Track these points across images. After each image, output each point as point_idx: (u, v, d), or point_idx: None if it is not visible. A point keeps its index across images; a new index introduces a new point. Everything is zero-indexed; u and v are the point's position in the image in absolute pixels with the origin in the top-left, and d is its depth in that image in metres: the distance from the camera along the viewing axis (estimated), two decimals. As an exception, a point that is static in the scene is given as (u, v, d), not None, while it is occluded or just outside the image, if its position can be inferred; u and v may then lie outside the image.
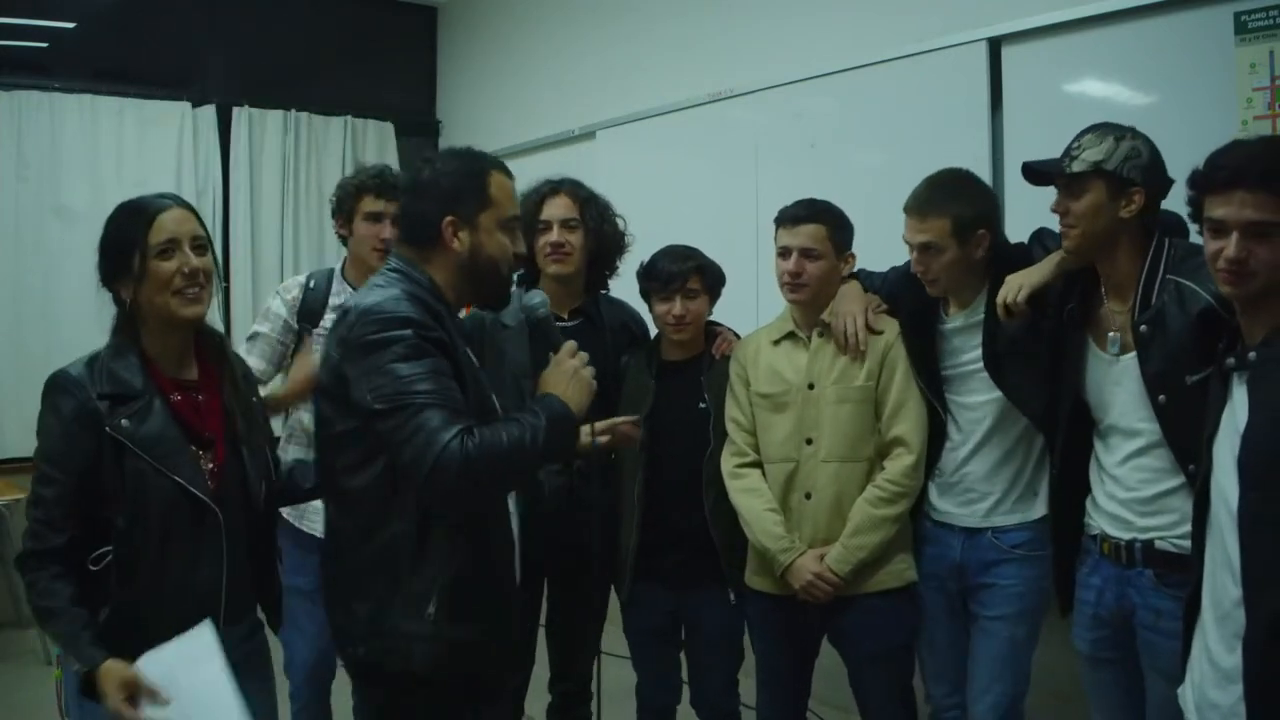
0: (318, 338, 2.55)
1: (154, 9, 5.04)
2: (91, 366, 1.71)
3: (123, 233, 1.77)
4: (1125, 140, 1.89)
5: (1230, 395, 1.56)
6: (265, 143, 5.07)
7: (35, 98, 4.57)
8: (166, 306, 1.73)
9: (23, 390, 4.52)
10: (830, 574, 2.25)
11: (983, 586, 2.22)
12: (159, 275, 1.73)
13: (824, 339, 2.34)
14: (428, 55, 5.70)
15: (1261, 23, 2.36)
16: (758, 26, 3.73)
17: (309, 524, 2.55)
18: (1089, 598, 2.01)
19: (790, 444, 2.32)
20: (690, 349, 2.53)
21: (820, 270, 2.31)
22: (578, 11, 4.65)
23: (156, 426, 1.69)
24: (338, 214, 2.67)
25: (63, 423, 1.68)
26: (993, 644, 2.20)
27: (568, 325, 2.47)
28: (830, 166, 3.36)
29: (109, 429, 1.65)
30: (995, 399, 2.18)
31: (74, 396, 1.67)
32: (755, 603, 2.41)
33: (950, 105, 3.02)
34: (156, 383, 1.73)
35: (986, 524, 2.21)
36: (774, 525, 2.31)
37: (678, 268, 2.43)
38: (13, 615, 4.42)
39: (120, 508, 1.64)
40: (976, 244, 2.15)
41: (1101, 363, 1.97)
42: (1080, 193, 1.90)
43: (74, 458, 1.66)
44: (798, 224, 2.32)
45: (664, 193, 3.85)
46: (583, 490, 2.40)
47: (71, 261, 4.60)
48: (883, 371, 2.28)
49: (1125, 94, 2.69)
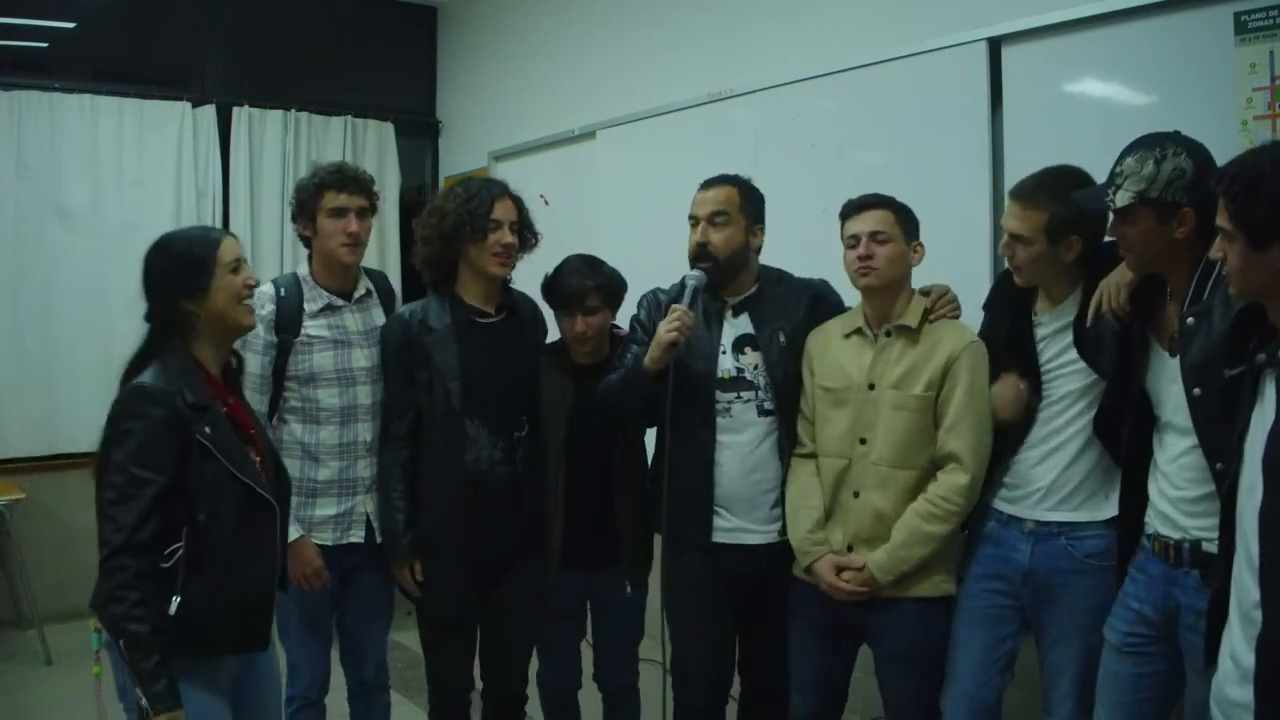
0: (301, 346, 2.53)
1: (154, 9, 5.04)
2: (167, 377, 1.88)
3: (194, 254, 1.97)
4: (1167, 161, 1.84)
5: (1261, 394, 1.54)
6: (265, 143, 5.07)
7: (35, 98, 4.57)
8: (235, 316, 1.99)
9: (23, 390, 4.54)
10: (857, 576, 2.25)
11: (1055, 596, 2.16)
12: (231, 287, 1.97)
13: (891, 339, 2.31)
14: (428, 55, 5.70)
15: (1261, 23, 2.35)
16: (758, 26, 3.73)
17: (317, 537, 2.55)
18: (1133, 589, 2.00)
19: (845, 441, 2.31)
20: (597, 354, 2.66)
21: (890, 253, 2.27)
22: (578, 12, 4.65)
23: (226, 432, 1.91)
24: (299, 216, 2.60)
25: (155, 429, 1.83)
26: (1071, 653, 2.15)
27: (494, 320, 2.55)
28: (830, 167, 3.36)
29: (199, 436, 1.85)
30: (1076, 392, 2.15)
31: (164, 406, 1.84)
32: (796, 594, 2.41)
33: (950, 105, 3.02)
34: (214, 391, 1.95)
35: (1055, 517, 2.16)
36: (804, 522, 2.33)
37: (579, 285, 2.57)
38: (13, 615, 4.43)
39: (201, 506, 1.84)
40: (1068, 247, 2.12)
41: (1161, 361, 1.97)
42: (1130, 221, 1.90)
43: (166, 461, 1.82)
44: (863, 211, 2.31)
45: (664, 193, 3.82)
46: (525, 479, 2.53)
47: (71, 261, 4.62)
48: (944, 382, 2.24)
49: (1125, 94, 2.69)
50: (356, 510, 2.57)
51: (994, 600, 2.24)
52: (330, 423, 2.54)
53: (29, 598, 4.24)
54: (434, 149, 5.70)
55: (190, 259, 1.96)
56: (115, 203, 4.71)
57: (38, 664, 4.05)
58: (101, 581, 1.79)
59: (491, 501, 2.50)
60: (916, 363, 2.27)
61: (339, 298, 2.60)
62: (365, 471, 2.57)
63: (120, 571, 1.77)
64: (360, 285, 2.65)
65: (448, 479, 2.47)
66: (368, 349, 2.58)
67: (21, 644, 4.24)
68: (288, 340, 2.52)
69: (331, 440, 2.54)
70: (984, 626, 2.25)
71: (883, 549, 2.24)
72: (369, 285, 2.68)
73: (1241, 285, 1.58)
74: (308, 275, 2.62)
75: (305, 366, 2.53)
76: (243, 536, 1.89)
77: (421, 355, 2.48)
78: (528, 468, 2.55)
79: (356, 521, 2.57)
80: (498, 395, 2.52)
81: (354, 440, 2.56)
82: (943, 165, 2.98)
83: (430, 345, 2.47)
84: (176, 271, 1.95)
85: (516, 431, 2.54)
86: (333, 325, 2.57)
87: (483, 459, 2.49)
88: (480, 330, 2.53)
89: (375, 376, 2.58)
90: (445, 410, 2.46)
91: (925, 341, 2.28)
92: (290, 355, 2.53)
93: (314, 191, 2.57)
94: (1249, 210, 1.50)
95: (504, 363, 2.55)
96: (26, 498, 4.24)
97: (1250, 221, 1.50)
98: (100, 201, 4.69)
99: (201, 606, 1.83)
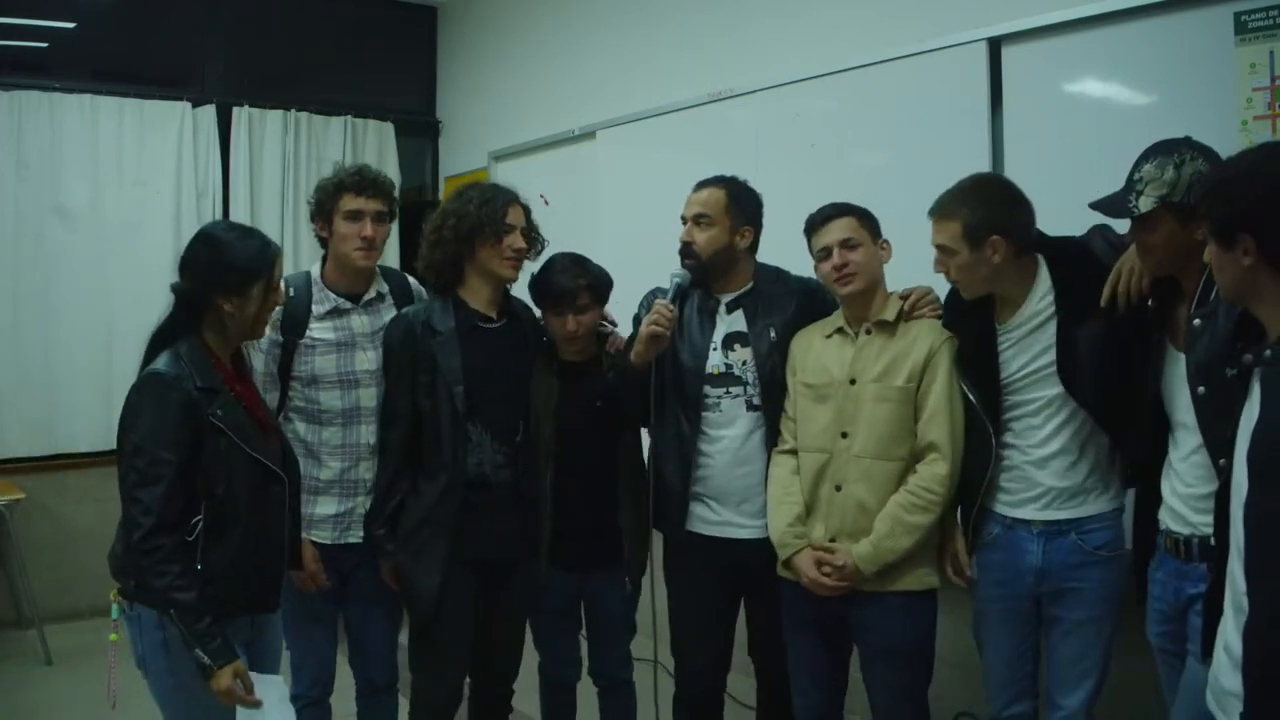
0: (304, 348, 2.53)
1: (154, 9, 5.04)
2: (179, 365, 2.00)
3: (257, 261, 2.09)
4: (1186, 165, 1.89)
5: (1250, 391, 1.59)
6: (265, 143, 5.06)
7: (35, 98, 4.57)
8: (259, 324, 2.14)
9: (23, 390, 4.53)
10: (839, 568, 2.28)
11: (1067, 590, 2.19)
12: (268, 303, 2.12)
13: (871, 336, 2.37)
14: (428, 55, 5.70)
15: (1261, 23, 2.36)
16: (758, 26, 3.73)
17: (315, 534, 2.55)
18: (1155, 592, 2.05)
19: (826, 435, 2.36)
20: (584, 352, 2.68)
21: (864, 257, 2.34)
22: (578, 12, 4.65)
23: (236, 413, 2.04)
24: (317, 216, 2.60)
25: (170, 413, 1.95)
26: (1080, 644, 2.19)
27: (496, 326, 2.57)
28: (830, 167, 3.36)
29: (210, 418, 1.98)
30: (1057, 399, 2.17)
31: (178, 391, 1.96)
32: (786, 593, 2.44)
33: (950, 105, 3.02)
34: (223, 376, 2.07)
35: (1063, 515, 2.19)
36: (784, 516, 2.37)
37: (569, 284, 2.56)
38: (12, 615, 4.43)
39: (218, 480, 1.98)
40: (993, 248, 2.15)
41: (1176, 362, 2.00)
42: (1152, 227, 1.93)
43: (182, 442, 1.95)
44: (827, 222, 2.37)
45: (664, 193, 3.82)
46: (525, 482, 2.55)
47: (71, 261, 4.61)
48: (925, 374, 2.29)
49: (1125, 94, 2.69)
50: (357, 511, 2.57)
51: (1010, 604, 2.27)
52: (333, 424, 2.55)
53: (29, 598, 4.25)
54: (434, 149, 5.70)
55: (249, 265, 2.07)
56: (115, 203, 4.70)
57: (38, 664, 4.06)
58: (139, 561, 1.92)
59: (493, 506, 2.50)
60: (897, 356, 2.32)
61: (347, 300, 2.59)
62: (367, 473, 2.57)
63: (157, 550, 1.91)
64: (372, 288, 2.64)
65: (450, 483, 2.46)
66: (374, 351, 2.58)
67: (21, 644, 4.24)
68: (292, 341, 2.53)
69: (334, 440, 2.55)
70: (1006, 628, 2.29)
71: (866, 541, 2.27)
72: (382, 288, 2.67)
73: (1224, 287, 1.63)
74: (319, 276, 2.62)
75: (308, 369, 2.53)
76: (256, 506, 2.05)
77: (425, 357, 2.48)
78: (527, 472, 2.56)
79: (356, 522, 2.57)
80: (500, 400, 2.53)
81: (357, 441, 2.56)
82: (943, 165, 2.95)
83: (435, 347, 2.47)
84: (233, 268, 2.06)
85: (516, 436, 2.55)
86: (338, 328, 2.57)
87: (485, 463, 2.49)
88: (484, 335, 2.53)
89: (380, 379, 2.58)
90: (450, 413, 2.46)
91: (904, 337, 2.35)
92: (295, 356, 2.53)
93: (332, 192, 2.56)
94: (1215, 212, 1.58)
95: (506, 367, 2.56)
96: (26, 498, 4.24)
97: (1217, 223, 1.58)
98: (100, 201, 4.69)
99: (219, 572, 1.98)
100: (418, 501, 2.49)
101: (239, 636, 2.06)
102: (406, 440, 2.51)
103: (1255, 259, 1.53)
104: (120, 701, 2.27)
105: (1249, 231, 1.52)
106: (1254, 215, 1.53)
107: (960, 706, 2.96)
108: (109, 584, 2.10)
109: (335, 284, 2.60)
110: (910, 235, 2.35)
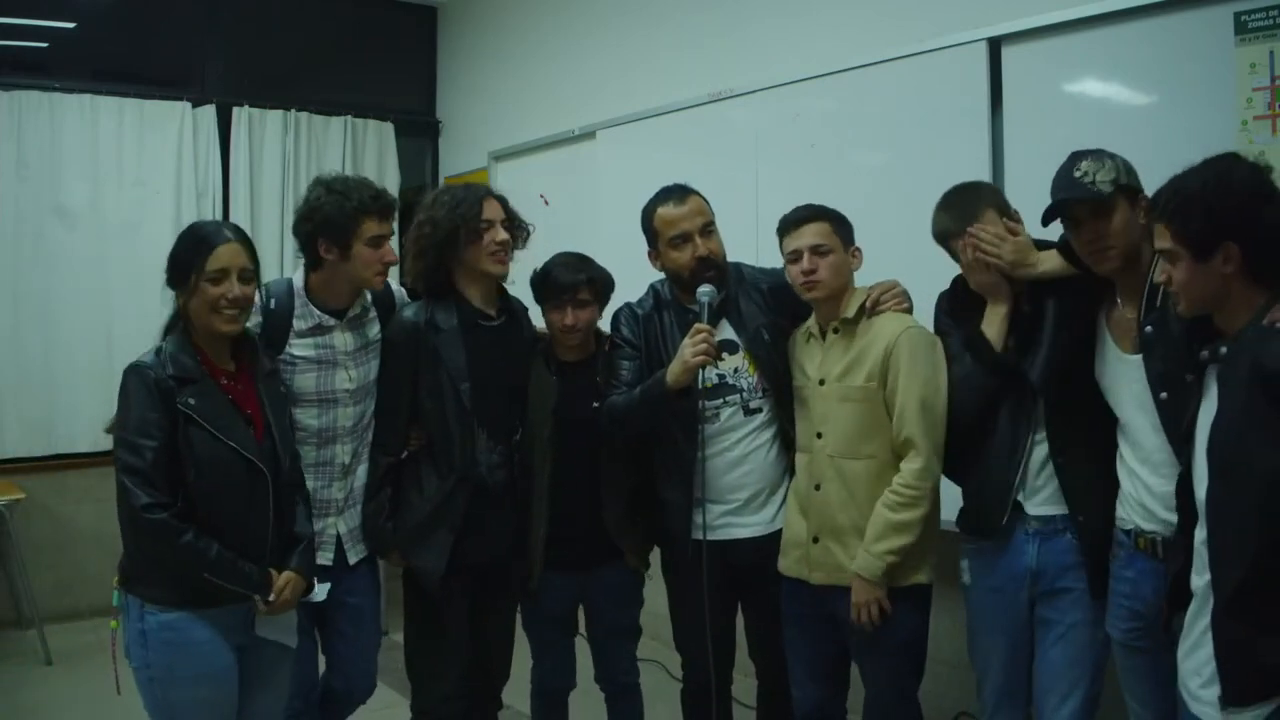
0: (284, 365, 2.38)
1: (154, 9, 5.04)
2: (159, 355, 2.09)
3: (186, 254, 2.13)
4: (1115, 158, 2.00)
5: (1206, 389, 1.64)
6: (265, 143, 5.06)
7: (35, 98, 4.57)
8: (208, 322, 2.12)
9: (22, 390, 4.53)
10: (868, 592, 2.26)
11: (1060, 591, 2.18)
12: (207, 296, 2.10)
13: (838, 335, 2.38)
14: (428, 55, 5.70)
15: (1261, 23, 2.36)
16: (758, 26, 3.73)
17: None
18: (1123, 589, 2.05)
19: (807, 436, 2.41)
20: (582, 351, 2.64)
21: (833, 263, 2.33)
22: (578, 12, 4.65)
23: (213, 403, 2.09)
24: (323, 238, 2.39)
25: (141, 398, 2.03)
26: (1072, 649, 2.16)
27: (496, 324, 2.54)
28: (830, 167, 3.36)
29: (180, 404, 2.03)
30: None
31: (148, 377, 2.04)
32: (783, 588, 2.45)
33: (950, 105, 3.02)
34: (209, 369, 2.13)
35: (1060, 510, 2.17)
36: (791, 518, 2.44)
37: (570, 279, 2.55)
38: (12, 615, 4.43)
39: (188, 466, 2.03)
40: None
41: (1117, 358, 2.04)
42: (1110, 213, 1.97)
43: (157, 424, 2.02)
44: (801, 225, 2.37)
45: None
46: (522, 483, 2.53)
47: (71, 261, 4.61)
48: (886, 373, 2.29)
49: (1125, 94, 2.69)
50: (327, 532, 2.46)
51: (1007, 603, 2.25)
52: (307, 442, 2.43)
53: (29, 598, 4.25)
54: (434, 149, 5.70)
55: (182, 259, 2.13)
56: (115, 203, 4.71)
57: (37, 664, 4.06)
58: (152, 544, 2.02)
59: (491, 506, 2.49)
60: (858, 355, 2.33)
61: (332, 317, 2.46)
62: (339, 493, 2.48)
63: (161, 525, 1.99)
64: (357, 303, 2.51)
65: (452, 483, 2.45)
66: (354, 369, 2.47)
67: (21, 644, 4.24)
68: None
69: (308, 459, 2.42)
70: (1003, 627, 2.27)
71: (860, 551, 2.27)
72: (366, 301, 2.54)
73: (1190, 299, 1.67)
74: (302, 289, 2.46)
75: (286, 386, 2.40)
76: (235, 496, 2.09)
77: (429, 355, 2.45)
78: (524, 472, 2.55)
79: (326, 543, 2.45)
80: (500, 398, 2.52)
81: (330, 460, 2.47)
82: (943, 165, 2.97)
83: (439, 344, 2.45)
84: (173, 264, 2.15)
85: (514, 435, 2.54)
86: (320, 345, 2.44)
87: (483, 462, 2.48)
88: (484, 333, 2.52)
89: (359, 397, 2.49)
90: (457, 412, 2.44)
91: (867, 334, 2.34)
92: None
93: (352, 216, 2.39)
94: (1187, 226, 1.61)
95: (505, 366, 2.55)
96: (26, 498, 4.24)
97: (1190, 236, 1.61)
98: (100, 201, 4.69)
99: None
100: (421, 497, 2.48)
101: (231, 623, 2.11)
102: (402, 436, 2.50)
103: (1238, 266, 1.58)
104: (125, 689, 2.23)
105: (1233, 240, 1.57)
106: (1235, 224, 1.58)
107: (960, 706, 2.96)
108: (109, 584, 2.10)
109: (324, 300, 2.46)
110: (910, 235, 2.35)
